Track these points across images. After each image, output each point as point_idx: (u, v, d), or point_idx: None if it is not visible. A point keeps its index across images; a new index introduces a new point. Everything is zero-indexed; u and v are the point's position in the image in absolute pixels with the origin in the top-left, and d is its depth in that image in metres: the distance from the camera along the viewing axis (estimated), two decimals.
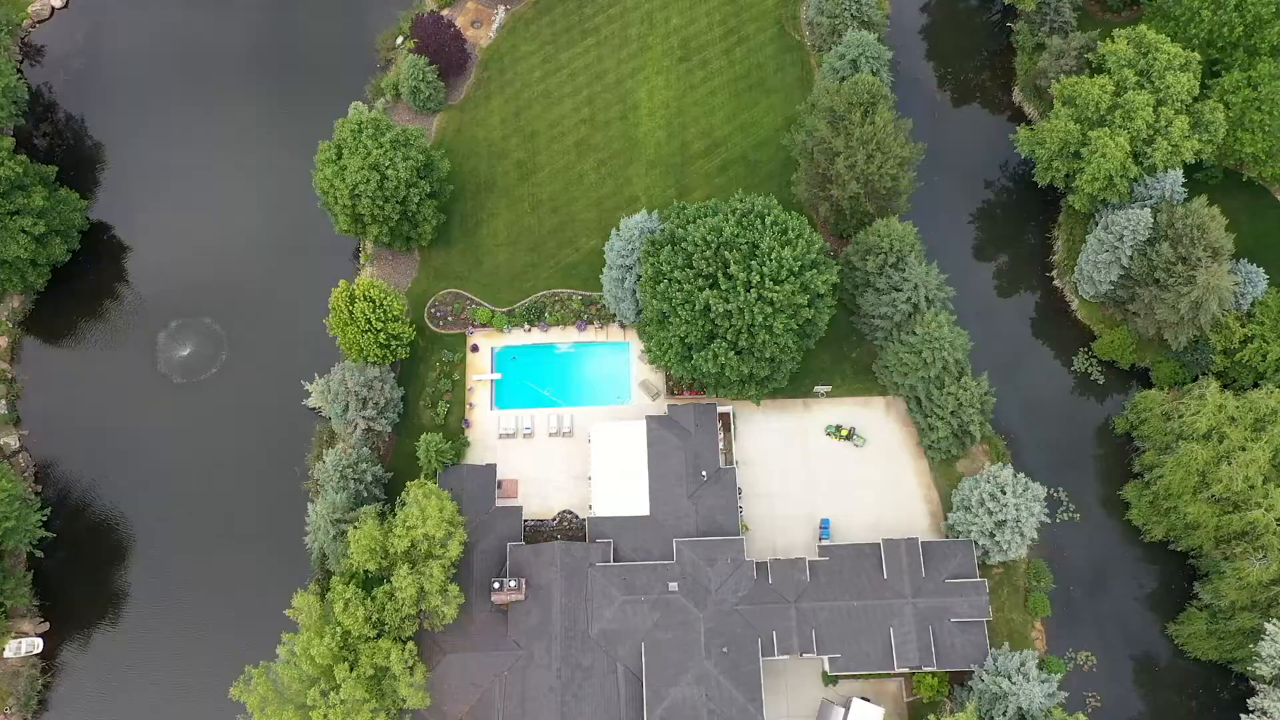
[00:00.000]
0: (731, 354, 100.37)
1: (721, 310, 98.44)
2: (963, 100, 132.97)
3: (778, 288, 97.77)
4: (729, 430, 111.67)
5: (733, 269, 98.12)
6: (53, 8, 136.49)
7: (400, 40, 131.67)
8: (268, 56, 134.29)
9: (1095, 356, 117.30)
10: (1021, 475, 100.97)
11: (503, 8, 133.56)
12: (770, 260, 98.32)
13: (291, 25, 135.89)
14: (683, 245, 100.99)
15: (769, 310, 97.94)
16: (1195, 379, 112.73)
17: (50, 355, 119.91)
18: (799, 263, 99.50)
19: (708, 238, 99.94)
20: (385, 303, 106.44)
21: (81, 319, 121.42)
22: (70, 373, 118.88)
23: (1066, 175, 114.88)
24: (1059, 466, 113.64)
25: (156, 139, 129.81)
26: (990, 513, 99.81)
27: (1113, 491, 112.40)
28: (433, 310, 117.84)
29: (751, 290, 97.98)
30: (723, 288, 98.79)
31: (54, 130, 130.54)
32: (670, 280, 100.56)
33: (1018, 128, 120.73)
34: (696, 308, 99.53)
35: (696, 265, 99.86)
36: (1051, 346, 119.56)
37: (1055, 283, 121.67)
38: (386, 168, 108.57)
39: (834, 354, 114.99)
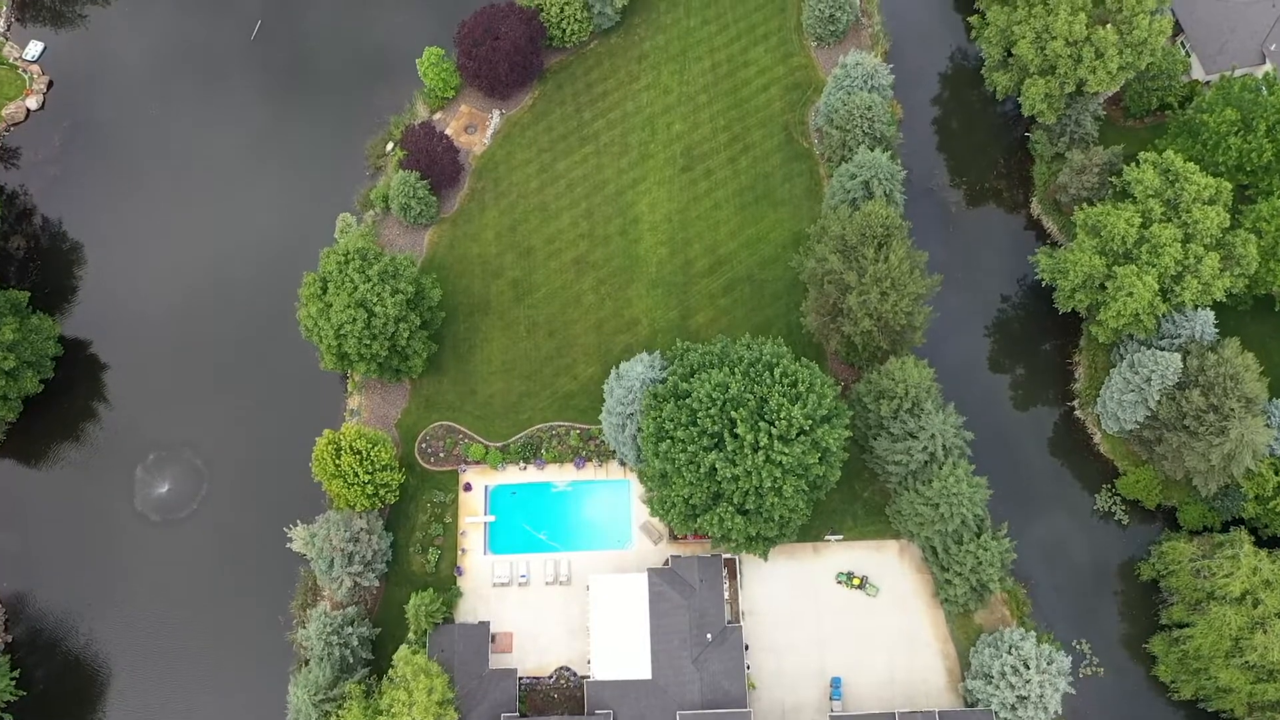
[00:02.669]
0: (738, 517, 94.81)
1: (728, 475, 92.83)
2: (979, 209, 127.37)
3: (787, 449, 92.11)
4: (735, 577, 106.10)
5: (740, 429, 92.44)
6: (28, 110, 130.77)
7: (390, 146, 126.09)
8: (251, 163, 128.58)
9: (1119, 494, 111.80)
10: (1045, 647, 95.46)
11: (498, 112, 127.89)
12: (780, 419, 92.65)
13: (276, 130, 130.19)
14: (687, 402, 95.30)
15: (778, 474, 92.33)
16: (1225, 525, 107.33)
17: (21, 490, 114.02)
18: (809, 420, 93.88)
19: (713, 394, 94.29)
20: (373, 454, 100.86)
21: (55, 450, 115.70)
22: (42, 509, 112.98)
23: (1089, 306, 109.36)
24: (1081, 615, 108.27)
25: (135, 250, 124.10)
26: (1012, 686, 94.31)
27: (1138, 643, 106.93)
28: (423, 445, 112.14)
29: (759, 452, 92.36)
30: (729, 449, 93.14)
31: (27, 241, 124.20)
32: (674, 440, 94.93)
33: (1037, 249, 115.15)
34: (701, 470, 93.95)
35: (701, 423, 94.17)
36: (1073, 482, 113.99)
37: (1077, 413, 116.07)
38: (374, 304, 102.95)
39: (845, 494, 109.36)
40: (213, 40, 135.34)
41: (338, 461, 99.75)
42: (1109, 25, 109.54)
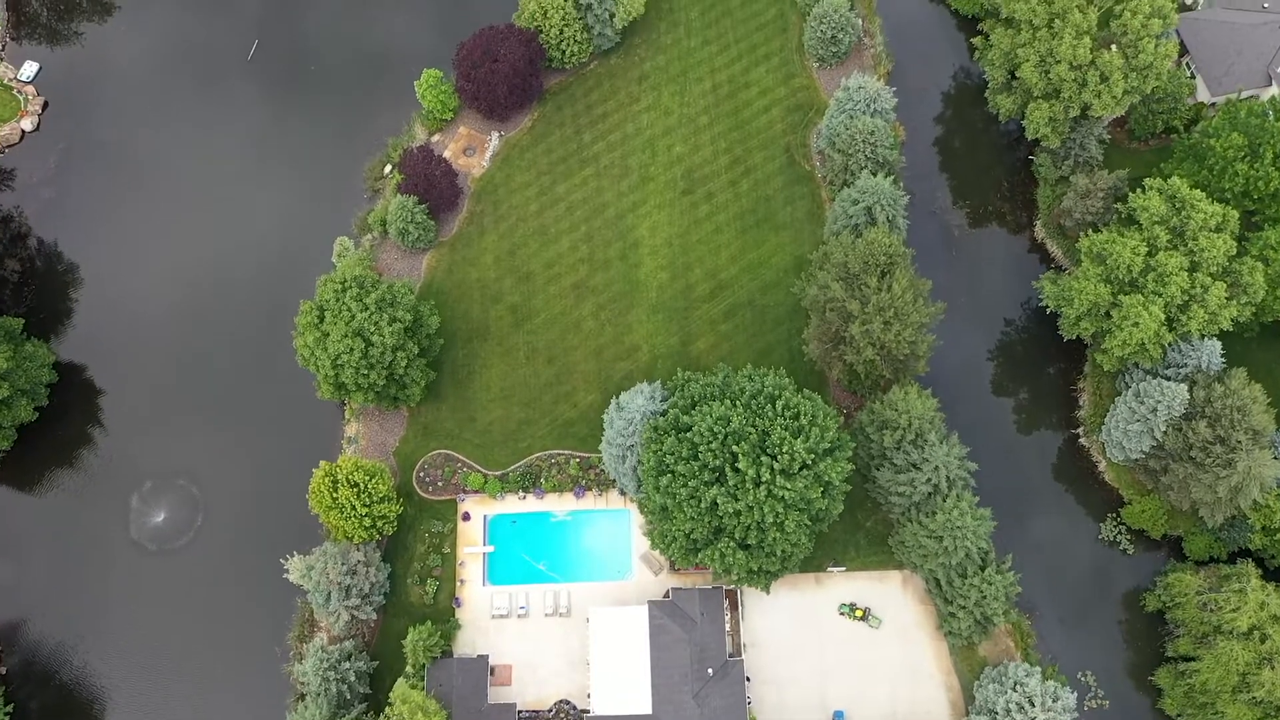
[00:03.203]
0: (740, 552, 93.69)
1: (730, 510, 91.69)
2: (982, 232, 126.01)
3: (789, 484, 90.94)
4: (736, 608, 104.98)
5: (741, 463, 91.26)
6: (23, 131, 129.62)
7: (389, 169, 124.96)
8: (248, 184, 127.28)
9: (1124, 524, 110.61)
10: (1050, 684, 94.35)
11: (497, 134, 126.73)
12: (782, 453, 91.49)
13: (273, 151, 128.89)
14: (688, 435, 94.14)
15: (780, 508, 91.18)
16: (1232, 556, 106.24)
17: (15, 519, 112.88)
18: (812, 454, 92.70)
19: (715, 428, 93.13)
20: (371, 485, 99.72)
21: (49, 478, 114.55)
22: (37, 538, 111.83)
23: (1095, 333, 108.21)
24: (1085, 645, 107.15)
25: (131, 274, 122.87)
26: None
27: (1144, 674, 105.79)
28: (421, 474, 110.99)
29: (761, 487, 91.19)
30: (730, 483, 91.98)
31: (22, 266, 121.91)
32: (675, 474, 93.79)
33: (1041, 274, 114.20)
34: (703, 505, 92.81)
35: (703, 457, 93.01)
36: (1078, 510, 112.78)
37: (1081, 441, 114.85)
38: (372, 333, 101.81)
39: (847, 524, 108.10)
40: (209, 61, 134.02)
41: (335, 494, 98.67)
42: (1114, 49, 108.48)
